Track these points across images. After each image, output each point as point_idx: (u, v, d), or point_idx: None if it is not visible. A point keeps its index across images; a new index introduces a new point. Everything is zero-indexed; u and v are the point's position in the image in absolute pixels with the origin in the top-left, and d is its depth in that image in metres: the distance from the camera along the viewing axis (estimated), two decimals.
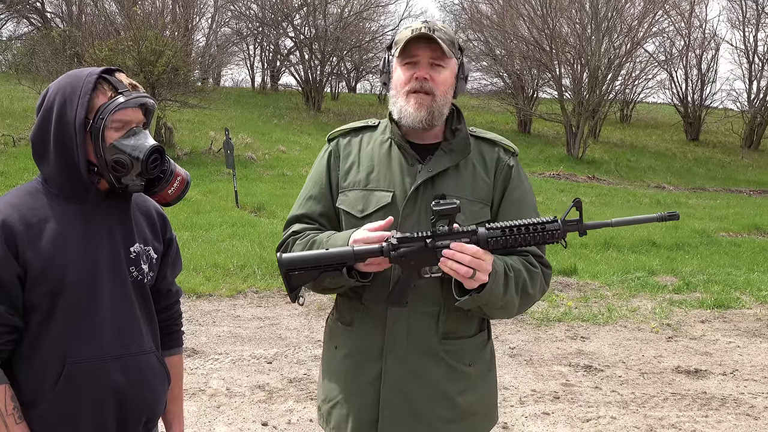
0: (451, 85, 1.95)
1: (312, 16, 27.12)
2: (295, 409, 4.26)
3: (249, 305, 6.56)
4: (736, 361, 5.51)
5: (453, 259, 1.74)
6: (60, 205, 1.75)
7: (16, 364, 1.72)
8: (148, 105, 1.80)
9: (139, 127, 1.78)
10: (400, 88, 1.94)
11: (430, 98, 1.91)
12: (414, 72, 1.91)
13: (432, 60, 1.90)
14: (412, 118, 1.92)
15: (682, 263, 9.10)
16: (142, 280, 1.84)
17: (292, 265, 1.80)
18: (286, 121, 22.42)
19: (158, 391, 1.88)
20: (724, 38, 54.60)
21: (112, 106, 1.71)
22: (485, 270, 1.76)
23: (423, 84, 1.90)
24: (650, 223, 2.09)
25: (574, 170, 19.20)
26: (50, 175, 1.75)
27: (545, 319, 6.43)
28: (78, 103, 1.70)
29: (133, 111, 1.76)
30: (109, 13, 20.79)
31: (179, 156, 15.06)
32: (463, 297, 1.83)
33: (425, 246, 1.78)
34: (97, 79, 1.73)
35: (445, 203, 1.75)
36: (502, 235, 1.78)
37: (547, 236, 1.79)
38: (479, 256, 1.75)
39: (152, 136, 1.83)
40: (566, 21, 23.27)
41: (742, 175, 21.16)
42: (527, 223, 1.79)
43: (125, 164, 1.72)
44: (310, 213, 2.02)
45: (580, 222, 1.81)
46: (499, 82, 26.77)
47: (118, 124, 1.73)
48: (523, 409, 4.38)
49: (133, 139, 1.74)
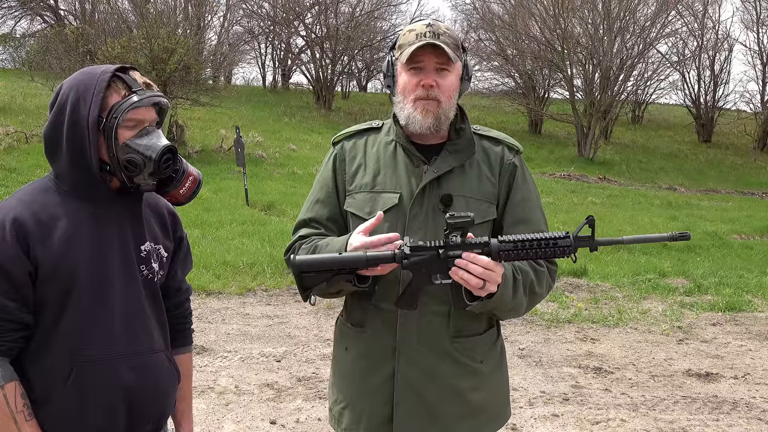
0: (456, 88, 1.96)
1: (323, 15, 27.13)
2: (304, 407, 4.26)
3: (258, 303, 6.57)
4: (748, 364, 5.46)
5: (465, 269, 1.75)
6: (71, 202, 1.75)
7: (26, 362, 1.72)
8: (161, 104, 1.79)
9: (153, 126, 1.77)
10: (407, 94, 1.94)
11: (436, 104, 1.92)
12: (420, 78, 1.91)
13: (438, 65, 1.91)
14: (419, 125, 1.93)
15: (693, 265, 9.04)
16: (153, 279, 1.84)
17: (304, 268, 1.80)
18: (297, 120, 22.44)
19: (168, 390, 1.88)
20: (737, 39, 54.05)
21: (125, 105, 1.71)
22: (495, 281, 1.77)
23: (429, 92, 1.91)
24: (661, 224, 2.10)
25: (585, 171, 19.12)
26: (62, 172, 1.75)
27: (555, 320, 6.40)
28: (91, 101, 1.70)
29: (147, 110, 1.75)
30: (122, 10, 20.90)
31: (190, 154, 15.10)
32: (473, 302, 1.85)
33: (437, 256, 1.79)
34: (111, 77, 1.73)
35: (459, 216, 1.75)
36: (513, 248, 1.78)
37: (558, 252, 1.80)
38: (491, 268, 1.75)
39: (165, 135, 1.83)
40: (578, 21, 23.16)
41: (754, 177, 21.00)
42: (539, 238, 1.79)
43: (137, 164, 1.71)
44: (318, 217, 2.03)
45: (592, 239, 1.81)
46: (510, 82, 26.72)
47: (132, 123, 1.73)
48: (533, 411, 4.36)
49: (146, 139, 1.74)
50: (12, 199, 1.75)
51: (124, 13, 20.68)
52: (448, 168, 1.96)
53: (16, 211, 1.70)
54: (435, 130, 1.95)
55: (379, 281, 1.92)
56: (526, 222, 1.97)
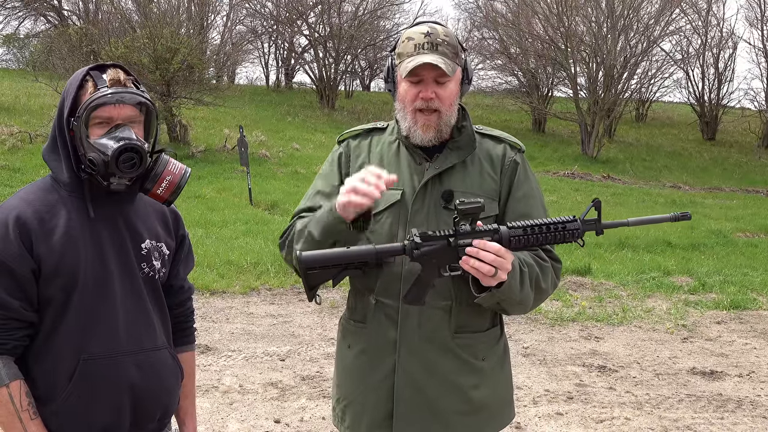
0: (456, 94, 1.97)
1: (327, 14, 27.11)
2: (308, 406, 4.26)
3: (262, 302, 6.58)
4: (753, 362, 5.45)
5: (476, 257, 1.75)
6: (70, 202, 1.75)
7: (30, 360, 1.73)
8: (125, 100, 1.70)
9: (126, 125, 1.71)
10: (407, 105, 1.95)
11: (436, 116, 1.93)
12: (419, 90, 1.92)
13: (437, 76, 1.91)
14: (420, 139, 1.96)
15: (697, 264, 9.03)
16: (154, 276, 1.85)
17: (312, 263, 1.78)
18: (300, 119, 22.45)
19: (172, 387, 1.89)
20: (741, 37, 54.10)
21: (87, 102, 1.69)
22: (506, 269, 1.77)
23: (429, 103, 1.92)
24: (666, 223, 2.18)
25: (588, 169, 19.09)
26: (56, 172, 1.77)
27: (559, 318, 6.40)
28: (68, 100, 1.72)
29: (117, 107, 1.70)
30: (126, 10, 20.93)
31: (194, 153, 15.12)
32: (481, 294, 1.84)
33: (448, 245, 1.78)
34: (84, 76, 1.73)
35: (469, 202, 1.75)
36: (523, 234, 1.79)
37: (567, 235, 1.82)
38: (502, 255, 1.75)
39: (156, 133, 1.81)
40: (582, 19, 23.13)
41: (759, 175, 20.94)
42: (548, 223, 1.81)
43: (97, 163, 1.69)
44: (315, 206, 2.02)
45: (598, 222, 1.84)
46: (514, 80, 26.68)
47: (98, 120, 1.70)
48: (537, 409, 4.36)
49: (106, 138, 1.69)
50: (14, 198, 1.76)
51: (128, 13, 20.71)
52: (449, 164, 1.97)
53: (18, 209, 1.71)
54: (437, 142, 1.98)
55: (381, 276, 1.92)
56: (528, 218, 1.97)
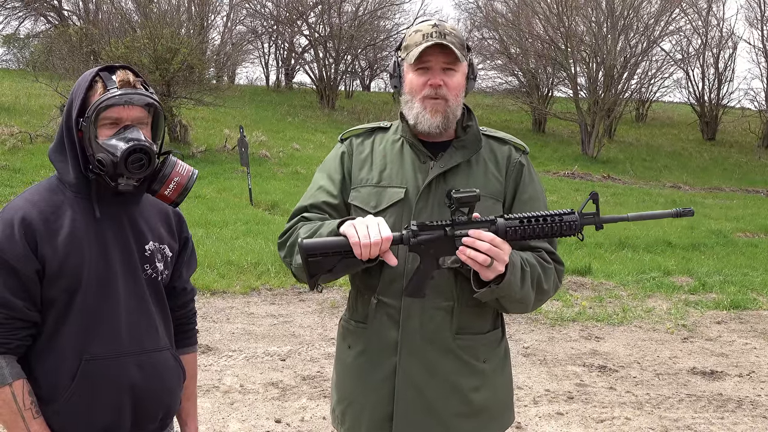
0: (462, 87, 1.98)
1: (327, 14, 27.12)
2: (309, 406, 4.27)
3: (263, 302, 6.59)
4: (753, 362, 5.46)
5: (472, 247, 1.75)
6: (75, 203, 1.76)
7: (33, 360, 1.73)
8: (134, 101, 1.71)
9: (134, 126, 1.72)
10: (415, 94, 1.96)
11: (444, 103, 1.94)
12: (428, 78, 1.93)
13: (444, 65, 1.92)
14: (428, 124, 1.95)
15: (697, 264, 9.03)
16: (157, 278, 1.85)
17: (312, 251, 1.78)
18: (300, 119, 22.45)
19: (173, 388, 1.89)
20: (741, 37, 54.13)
21: (96, 103, 1.70)
22: (502, 260, 1.77)
23: (438, 90, 1.92)
24: (666, 223, 2.15)
25: (589, 169, 19.10)
26: (63, 173, 1.77)
27: (559, 318, 6.40)
28: (77, 101, 1.72)
29: (126, 109, 1.71)
30: (126, 10, 20.95)
31: (194, 153, 15.13)
32: (482, 289, 1.84)
33: (445, 234, 1.79)
34: (93, 77, 1.74)
35: (465, 191, 1.76)
36: (520, 225, 1.80)
37: (565, 228, 1.81)
38: (497, 245, 1.76)
39: (163, 135, 1.81)
40: (582, 19, 23.14)
41: (759, 175, 20.95)
42: (545, 215, 1.81)
43: (106, 163, 1.69)
44: (319, 204, 2.02)
45: (597, 215, 1.83)
46: (514, 80, 26.68)
47: (107, 121, 1.71)
48: (537, 409, 4.37)
49: (115, 138, 1.70)
50: (19, 199, 1.77)
51: (128, 13, 20.74)
52: (454, 163, 1.97)
53: (24, 210, 1.71)
54: (443, 129, 1.96)
55: (383, 274, 1.92)
56: None
